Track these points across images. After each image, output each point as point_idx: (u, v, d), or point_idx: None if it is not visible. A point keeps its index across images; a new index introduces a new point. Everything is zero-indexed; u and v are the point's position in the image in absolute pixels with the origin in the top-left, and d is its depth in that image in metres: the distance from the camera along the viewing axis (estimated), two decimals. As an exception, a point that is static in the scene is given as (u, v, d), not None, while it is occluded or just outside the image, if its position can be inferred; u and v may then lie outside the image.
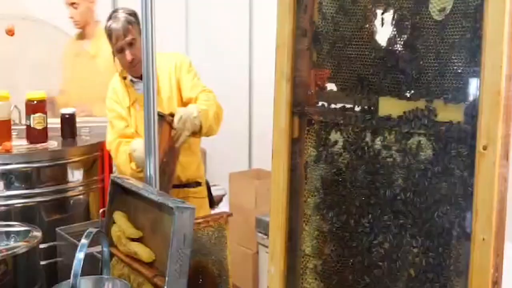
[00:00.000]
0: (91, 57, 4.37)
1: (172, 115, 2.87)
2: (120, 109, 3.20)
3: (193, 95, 3.08)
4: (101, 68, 4.29)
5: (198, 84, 3.13)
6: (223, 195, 4.81)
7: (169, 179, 2.93)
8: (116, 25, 3.03)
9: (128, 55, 3.06)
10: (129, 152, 3.07)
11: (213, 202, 3.54)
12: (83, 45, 4.42)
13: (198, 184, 3.33)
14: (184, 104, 3.09)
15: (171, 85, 3.14)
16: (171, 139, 2.84)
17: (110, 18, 3.08)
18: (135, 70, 3.11)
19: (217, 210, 4.04)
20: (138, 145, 2.95)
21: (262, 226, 4.13)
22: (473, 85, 1.46)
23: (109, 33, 3.07)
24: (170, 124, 2.87)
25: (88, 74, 4.31)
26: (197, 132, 2.92)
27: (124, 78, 3.21)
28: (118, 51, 3.09)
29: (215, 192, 4.17)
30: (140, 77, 3.11)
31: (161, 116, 2.82)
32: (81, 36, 4.37)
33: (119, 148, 3.15)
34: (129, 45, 3.05)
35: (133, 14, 3.08)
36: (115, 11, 3.12)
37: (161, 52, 3.07)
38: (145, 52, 2.50)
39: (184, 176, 3.21)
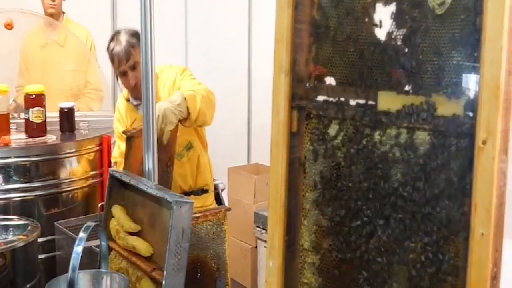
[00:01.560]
0: (60, 46, 4.38)
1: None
2: (121, 128, 3.20)
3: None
4: (71, 57, 4.31)
5: (190, 83, 3.07)
6: (222, 190, 4.81)
7: (168, 170, 2.89)
8: (119, 48, 2.99)
9: (132, 79, 3.03)
10: None
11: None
12: (50, 36, 4.42)
13: (204, 191, 3.28)
14: None
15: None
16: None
17: (112, 39, 3.05)
18: (139, 93, 3.07)
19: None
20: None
21: (261, 221, 4.14)
22: (473, 79, 1.45)
23: (112, 57, 3.04)
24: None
25: (59, 64, 4.33)
26: (186, 119, 2.80)
27: (128, 100, 3.19)
28: (121, 75, 3.06)
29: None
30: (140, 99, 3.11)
31: (129, 137, 2.77)
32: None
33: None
34: (132, 69, 3.02)
35: (135, 34, 3.02)
36: (117, 32, 3.07)
37: (162, 65, 3.06)
38: (144, 58, 2.47)
39: (185, 184, 3.18)
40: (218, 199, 3.44)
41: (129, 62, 3.00)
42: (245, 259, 4.50)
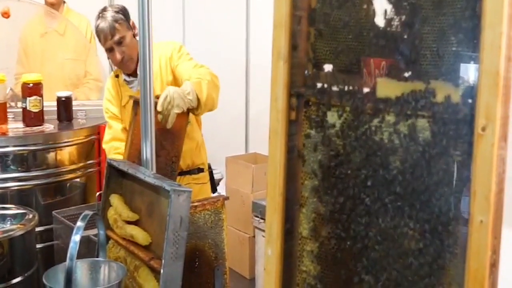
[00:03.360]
0: (59, 35, 4.38)
1: (157, 97, 2.77)
2: (114, 108, 3.20)
3: (188, 78, 3.03)
4: (70, 46, 4.31)
5: (190, 65, 3.08)
6: (220, 179, 4.81)
7: (173, 166, 2.88)
8: (104, 24, 3.01)
9: (117, 54, 3.06)
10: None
11: (215, 187, 3.52)
12: (50, 25, 4.41)
13: (200, 170, 3.32)
14: None
15: (162, 80, 3.10)
16: (158, 123, 2.72)
17: (98, 17, 3.07)
18: (127, 67, 3.13)
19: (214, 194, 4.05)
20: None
21: (259, 210, 4.14)
22: (472, 66, 1.44)
23: (98, 33, 3.07)
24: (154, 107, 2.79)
25: (58, 53, 4.33)
26: (196, 108, 2.81)
27: (117, 76, 3.19)
28: (108, 51, 3.09)
29: (213, 176, 4.16)
30: (134, 75, 3.12)
31: (136, 103, 2.78)
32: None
33: (110, 154, 3.19)
34: (118, 44, 3.04)
35: (121, 11, 3.05)
36: (103, 9, 3.09)
37: (155, 42, 3.05)
38: (142, 43, 2.48)
39: (184, 162, 3.20)
40: (212, 179, 3.46)
41: (115, 37, 3.02)
42: (243, 249, 4.50)
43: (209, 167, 3.42)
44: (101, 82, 4.47)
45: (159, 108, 2.68)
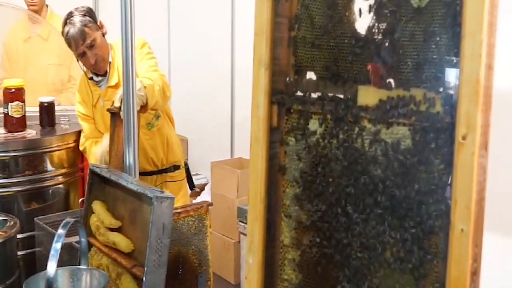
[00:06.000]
0: (43, 40, 4.35)
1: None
2: (85, 110, 3.19)
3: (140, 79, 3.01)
4: (54, 51, 4.28)
5: (146, 65, 3.05)
6: (205, 184, 4.79)
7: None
8: (73, 30, 2.98)
9: (91, 57, 3.03)
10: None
11: (193, 183, 3.51)
12: (33, 30, 4.39)
13: (176, 167, 3.33)
14: None
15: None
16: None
17: (65, 23, 3.03)
18: (100, 68, 3.11)
19: (199, 199, 4.04)
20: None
21: (244, 216, 4.12)
22: (453, 74, 1.44)
23: (68, 40, 3.03)
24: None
25: (42, 58, 4.30)
26: (144, 106, 2.76)
27: (90, 78, 3.17)
28: (80, 56, 3.06)
29: (197, 181, 4.16)
30: (103, 74, 3.10)
31: (113, 114, 2.77)
32: None
33: (90, 150, 3.17)
34: (90, 48, 3.02)
35: (87, 13, 3.03)
36: (69, 14, 3.04)
37: (115, 41, 3.04)
38: (124, 41, 2.47)
39: (157, 158, 3.20)
40: (189, 177, 3.45)
41: (86, 42, 3.00)
42: (228, 254, 4.48)
43: (185, 164, 3.43)
44: None
45: (117, 104, 2.68)
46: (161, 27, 5.83)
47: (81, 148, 3.27)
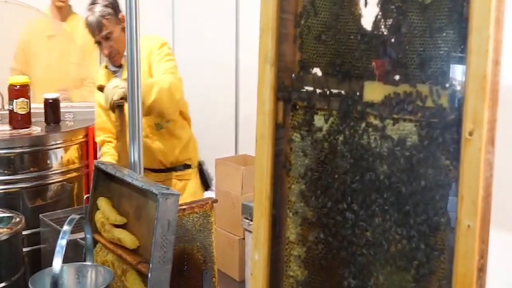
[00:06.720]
0: (67, 39, 4.37)
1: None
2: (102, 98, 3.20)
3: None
4: (77, 50, 4.30)
5: (161, 68, 3.06)
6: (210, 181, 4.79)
7: None
8: (91, 18, 3.02)
9: (105, 48, 3.09)
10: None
11: (207, 184, 3.47)
12: (60, 26, 4.40)
13: (187, 166, 3.29)
14: None
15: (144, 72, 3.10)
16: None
17: (87, 9, 3.07)
18: (114, 61, 3.16)
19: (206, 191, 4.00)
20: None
21: (249, 212, 4.12)
22: (459, 70, 1.43)
23: (86, 26, 3.08)
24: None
25: (65, 56, 4.32)
26: (125, 99, 2.74)
27: (106, 67, 3.21)
28: (98, 44, 3.12)
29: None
30: (121, 66, 3.13)
31: (118, 106, 2.81)
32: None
33: (102, 148, 3.21)
34: (105, 39, 3.06)
35: (110, 4, 3.05)
36: (93, 2, 3.08)
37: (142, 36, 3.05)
38: (129, 38, 2.47)
39: (166, 160, 3.19)
40: (203, 176, 3.42)
41: (102, 32, 3.04)
42: (233, 251, 4.49)
43: (200, 164, 3.39)
44: None
45: (115, 98, 2.76)
46: (165, 24, 5.83)
47: (97, 140, 3.32)
